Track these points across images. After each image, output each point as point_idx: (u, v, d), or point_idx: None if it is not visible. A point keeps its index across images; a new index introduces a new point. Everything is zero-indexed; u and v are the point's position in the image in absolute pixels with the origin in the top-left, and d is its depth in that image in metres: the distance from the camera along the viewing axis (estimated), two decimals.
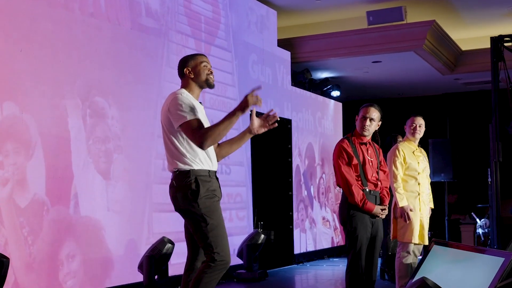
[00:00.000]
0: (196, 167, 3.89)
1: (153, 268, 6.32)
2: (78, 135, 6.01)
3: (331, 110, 11.99)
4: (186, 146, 3.91)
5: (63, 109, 5.88)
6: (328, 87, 11.74)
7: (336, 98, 12.14)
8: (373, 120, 5.23)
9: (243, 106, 3.82)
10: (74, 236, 5.90)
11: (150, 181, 6.91)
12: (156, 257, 6.33)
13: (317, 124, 11.32)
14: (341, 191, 5.26)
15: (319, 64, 11.13)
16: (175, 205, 3.98)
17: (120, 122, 6.54)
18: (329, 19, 10.99)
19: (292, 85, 10.38)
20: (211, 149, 4.04)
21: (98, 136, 6.25)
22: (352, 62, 11.01)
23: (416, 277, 3.91)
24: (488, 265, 3.33)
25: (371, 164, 5.21)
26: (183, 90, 4.04)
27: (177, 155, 3.92)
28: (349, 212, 5.08)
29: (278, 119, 4.05)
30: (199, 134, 3.81)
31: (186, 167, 3.89)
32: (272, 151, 9.88)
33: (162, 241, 6.43)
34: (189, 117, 3.85)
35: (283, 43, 10.32)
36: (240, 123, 7.54)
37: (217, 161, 4.12)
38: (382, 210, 5.16)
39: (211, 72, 4.11)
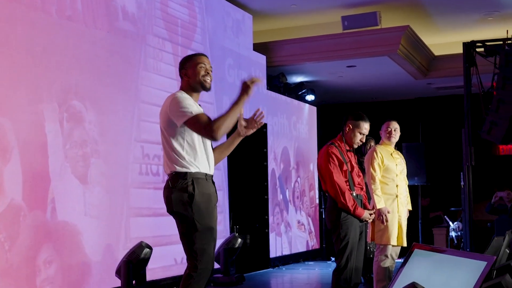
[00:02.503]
0: (193, 170, 3.85)
1: (131, 273, 6.27)
2: (55, 139, 5.95)
3: (305, 114, 12.04)
4: (186, 148, 3.86)
5: (40, 113, 5.82)
6: (303, 91, 11.79)
7: (310, 102, 12.19)
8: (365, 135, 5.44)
9: (245, 89, 3.80)
10: (52, 241, 5.84)
11: (128, 185, 6.87)
12: (134, 262, 6.29)
13: (292, 128, 11.36)
14: (328, 196, 5.27)
15: (294, 68, 11.17)
16: (168, 207, 3.90)
17: (97, 126, 6.49)
18: (305, 24, 11.04)
19: (267, 89, 10.40)
20: (211, 153, 4.01)
21: (75, 140, 6.20)
22: (327, 67, 11.07)
23: (397, 281, 3.94)
24: (470, 269, 3.37)
25: (355, 169, 5.29)
26: (182, 91, 3.98)
27: (175, 157, 3.86)
28: (340, 217, 5.12)
29: (264, 116, 4.02)
30: (210, 127, 3.75)
31: (184, 169, 3.84)
32: (248, 155, 9.87)
33: (140, 246, 6.40)
34: (194, 111, 3.81)
35: (258, 47, 10.34)
36: None
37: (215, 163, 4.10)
38: (370, 214, 5.25)
39: (208, 74, 4.00)
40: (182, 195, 3.82)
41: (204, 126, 3.78)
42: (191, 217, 3.80)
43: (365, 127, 5.33)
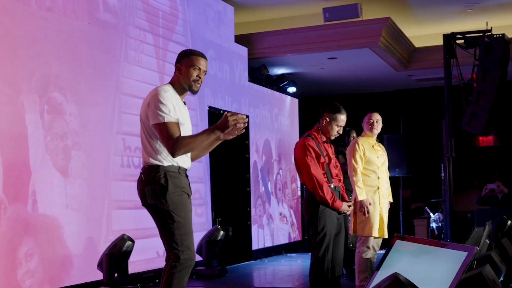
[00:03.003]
0: (166, 163, 3.84)
1: (113, 266, 6.26)
2: (35, 131, 5.91)
3: (287, 106, 12.04)
4: (160, 143, 3.84)
5: (20, 105, 5.77)
6: (285, 83, 11.79)
7: (292, 94, 12.20)
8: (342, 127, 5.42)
9: (223, 126, 3.74)
10: (33, 234, 5.80)
11: (109, 178, 6.84)
12: (116, 255, 6.28)
13: (274, 120, 11.36)
14: (305, 188, 5.27)
15: (276, 60, 11.17)
16: (142, 200, 3.90)
17: (78, 118, 6.45)
18: (286, 16, 11.04)
19: (249, 81, 10.39)
20: None
21: (56, 132, 6.16)
22: (308, 58, 11.08)
23: (379, 272, 3.96)
24: (451, 260, 3.39)
25: (332, 161, 5.28)
26: (168, 88, 3.93)
27: (151, 150, 3.86)
28: (318, 210, 5.11)
29: (246, 124, 3.93)
30: (173, 142, 3.74)
31: (156, 163, 3.84)
32: (229, 147, 9.84)
33: (122, 239, 6.38)
34: (167, 119, 3.77)
35: (240, 39, 10.32)
36: None
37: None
38: (348, 206, 5.24)
39: (199, 79, 3.97)
40: (155, 187, 3.81)
41: (168, 138, 3.76)
42: (166, 209, 3.79)
43: (342, 119, 5.30)
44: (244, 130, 3.98)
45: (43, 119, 6.01)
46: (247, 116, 3.67)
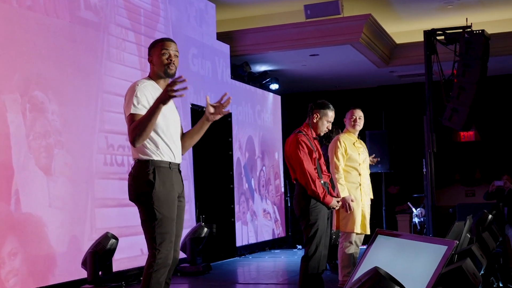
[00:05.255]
0: (156, 158, 3.81)
1: (97, 264, 6.26)
2: (17, 130, 5.89)
3: (270, 103, 12.08)
4: (150, 135, 3.79)
5: (2, 104, 5.75)
6: (267, 80, 11.82)
7: (275, 91, 12.23)
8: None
9: (163, 98, 3.63)
10: (16, 233, 5.79)
11: (92, 176, 6.84)
12: (100, 253, 6.28)
13: (257, 117, 11.39)
14: (296, 183, 5.30)
15: (258, 57, 11.19)
16: (130, 194, 3.88)
17: (60, 116, 6.44)
18: (268, 13, 11.06)
19: (231, 78, 10.41)
20: (177, 141, 3.96)
21: (38, 131, 6.14)
22: (290, 55, 11.12)
23: (361, 267, 4.00)
24: (432, 254, 3.43)
25: (322, 157, 5.35)
26: (144, 80, 3.91)
27: (140, 145, 3.80)
28: (310, 205, 5.16)
29: (230, 102, 3.92)
30: (129, 131, 3.73)
31: (146, 157, 3.81)
32: (213, 144, 9.88)
33: (106, 237, 6.38)
34: (133, 110, 3.74)
35: (222, 37, 10.34)
36: None
37: (182, 153, 4.05)
38: (338, 202, 5.30)
39: (171, 61, 3.89)
40: (142, 183, 3.79)
41: (128, 130, 3.75)
42: (150, 205, 3.78)
43: (331, 115, 5.41)
44: (229, 110, 3.98)
45: (25, 118, 6.00)
46: (181, 76, 3.60)
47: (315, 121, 5.36)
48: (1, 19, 5.82)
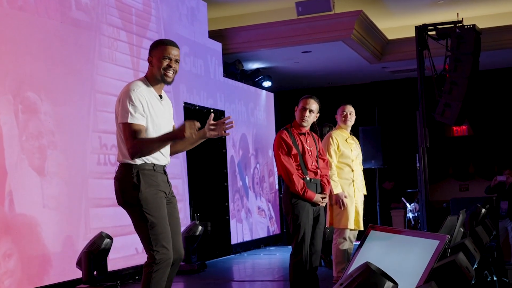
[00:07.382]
0: (139, 162, 3.79)
1: (92, 263, 6.27)
2: (10, 131, 5.89)
3: (263, 101, 12.09)
4: None
5: None
6: (260, 77, 11.83)
7: (267, 89, 12.24)
8: (312, 112, 5.36)
9: (181, 134, 3.67)
10: (10, 234, 5.79)
11: (86, 176, 6.84)
12: (95, 253, 6.28)
13: (250, 115, 11.40)
14: (282, 180, 5.35)
15: (250, 55, 11.20)
16: (118, 199, 3.88)
17: (53, 117, 6.44)
18: (259, 10, 11.07)
19: (224, 76, 10.41)
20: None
21: (31, 132, 6.14)
22: (283, 53, 11.12)
23: (354, 263, 4.02)
24: (424, 248, 3.45)
25: (310, 153, 5.33)
26: (140, 83, 3.85)
27: (124, 149, 3.81)
28: (291, 201, 5.18)
29: (234, 126, 3.94)
30: (132, 144, 3.71)
31: (129, 161, 3.80)
32: (206, 142, 9.80)
33: (100, 236, 6.39)
34: (131, 119, 3.72)
35: (214, 35, 10.33)
36: None
37: (170, 155, 4.04)
38: (322, 198, 5.29)
39: (170, 68, 3.86)
40: (128, 187, 3.78)
41: (127, 139, 3.74)
42: (139, 209, 3.76)
43: (309, 102, 5.33)
44: (229, 133, 4.00)
45: (18, 119, 5.99)
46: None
47: (296, 113, 5.39)
48: None
